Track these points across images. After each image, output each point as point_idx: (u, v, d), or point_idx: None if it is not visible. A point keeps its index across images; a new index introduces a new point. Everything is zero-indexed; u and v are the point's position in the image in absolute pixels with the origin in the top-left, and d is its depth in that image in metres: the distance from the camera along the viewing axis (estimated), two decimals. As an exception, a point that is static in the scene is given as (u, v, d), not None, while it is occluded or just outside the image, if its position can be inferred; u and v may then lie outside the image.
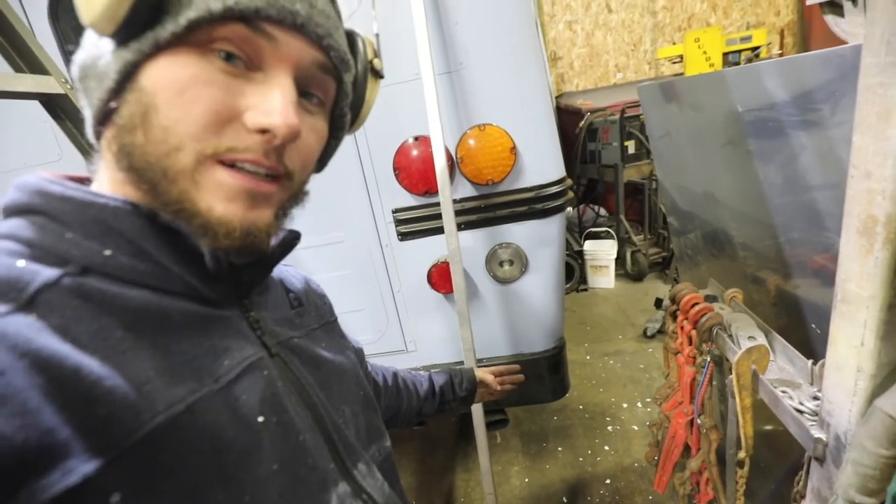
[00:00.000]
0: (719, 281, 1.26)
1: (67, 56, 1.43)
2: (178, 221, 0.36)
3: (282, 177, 0.38)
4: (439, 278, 1.48)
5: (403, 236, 1.48)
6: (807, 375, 0.83)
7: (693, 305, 1.13)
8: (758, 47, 4.01)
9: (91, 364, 0.30)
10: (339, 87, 0.44)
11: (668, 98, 1.53)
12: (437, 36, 1.29)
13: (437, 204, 1.34)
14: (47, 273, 0.32)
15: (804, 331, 0.99)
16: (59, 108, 1.24)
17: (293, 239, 0.48)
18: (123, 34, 0.34)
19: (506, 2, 1.29)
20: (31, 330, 0.29)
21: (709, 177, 1.35)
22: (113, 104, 0.36)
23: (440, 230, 1.40)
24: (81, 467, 0.28)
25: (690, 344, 1.13)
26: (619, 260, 3.86)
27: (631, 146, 3.66)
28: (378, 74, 0.50)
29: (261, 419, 0.38)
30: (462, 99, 1.34)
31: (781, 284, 1.11)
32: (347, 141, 1.42)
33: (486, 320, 1.56)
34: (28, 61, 1.21)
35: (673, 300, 1.22)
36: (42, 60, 1.20)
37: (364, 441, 0.53)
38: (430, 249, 1.49)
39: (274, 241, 0.43)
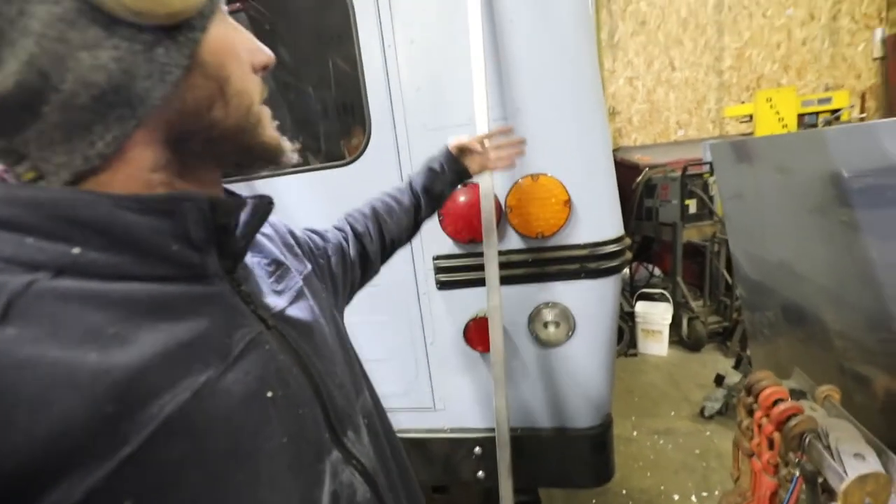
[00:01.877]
0: (807, 371, 1.06)
1: None
2: (262, 156, 0.44)
3: None
4: (477, 334, 1.36)
5: (442, 285, 1.39)
6: (945, 522, 0.64)
7: (776, 402, 0.95)
8: (838, 110, 3.75)
9: (86, 364, 0.28)
10: None
11: (745, 157, 1.38)
12: (495, 79, 1.24)
13: (482, 254, 1.25)
14: (16, 282, 0.29)
15: (932, 455, 0.79)
16: None
17: (268, 204, 0.47)
18: (180, 20, 0.35)
19: (569, 49, 1.24)
20: (8, 343, 0.27)
21: (794, 248, 1.18)
22: (174, 96, 0.35)
23: (482, 282, 1.30)
24: (85, 481, 0.26)
25: (771, 448, 0.93)
26: (674, 326, 3.56)
27: (692, 205, 3.45)
28: None
29: (269, 394, 0.38)
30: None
31: (895, 388, 0.91)
32: (394, 181, 1.38)
33: (524, 386, 1.41)
34: None
35: (749, 391, 1.03)
36: None
37: (353, 399, 0.54)
38: (469, 302, 1.38)
39: (246, 212, 0.44)
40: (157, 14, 0.32)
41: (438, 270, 1.38)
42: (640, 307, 3.54)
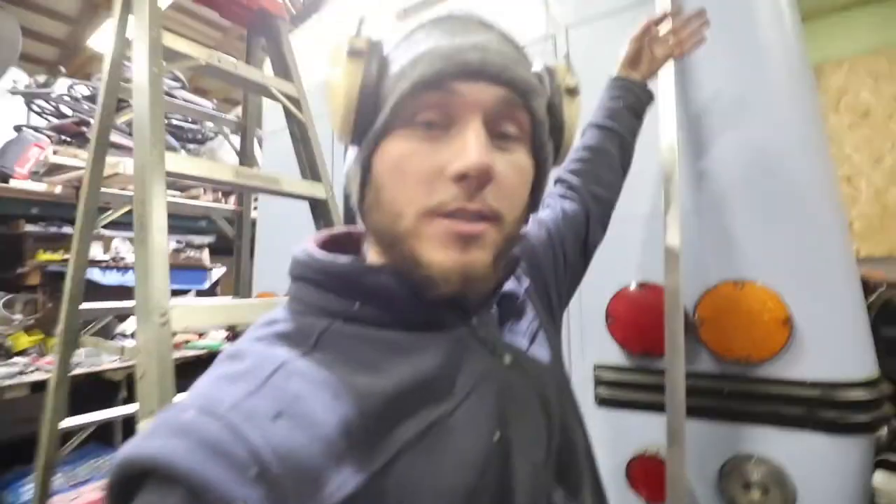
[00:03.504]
0: None
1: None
2: (411, 274, 0.41)
3: (491, 218, 0.41)
4: (644, 476, 1.06)
5: (603, 401, 1.15)
6: None
7: None
8: None
9: (359, 385, 0.36)
10: (534, 117, 0.44)
11: None
12: (688, 165, 1.07)
13: (658, 372, 1.01)
14: (322, 323, 0.41)
15: None
16: (320, 210, 1.44)
17: (514, 261, 0.51)
18: (358, 139, 0.44)
19: (790, 128, 1.01)
20: (317, 365, 0.37)
21: None
22: (363, 195, 0.45)
23: (656, 407, 1.03)
24: (350, 481, 0.32)
25: None
26: (941, 516, 2.44)
27: (965, 343, 2.48)
28: (574, 92, 0.51)
29: (497, 435, 0.40)
30: (712, 242, 1.04)
31: None
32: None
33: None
34: (310, 169, 1.47)
35: None
36: (319, 169, 1.44)
37: (579, 447, 0.52)
38: (635, 429, 1.11)
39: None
40: (336, 132, 0.45)
41: (599, 383, 1.16)
42: (882, 479, 2.54)
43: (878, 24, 4.22)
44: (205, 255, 4.01)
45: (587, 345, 1.19)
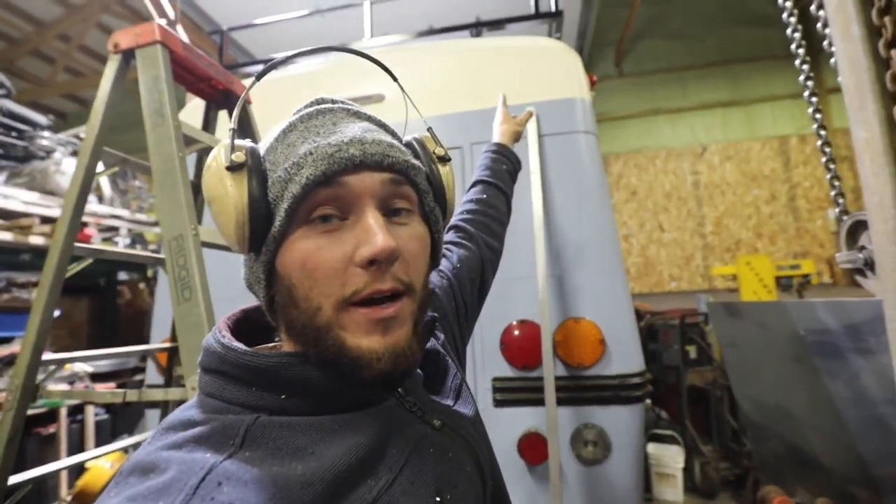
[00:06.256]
0: (808, 491, 1.31)
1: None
2: (338, 361, 0.42)
3: (403, 292, 0.43)
4: (529, 448, 1.60)
5: (499, 403, 1.68)
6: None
7: (785, 509, 1.19)
8: (808, 275, 4.33)
9: (295, 475, 0.37)
10: (417, 189, 0.48)
11: (734, 313, 1.80)
12: (547, 247, 1.72)
13: (533, 378, 1.57)
14: (247, 418, 0.40)
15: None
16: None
17: (431, 323, 0.52)
18: (256, 246, 0.44)
19: (599, 225, 1.74)
20: (248, 463, 0.37)
21: (781, 389, 1.52)
22: (271, 295, 0.46)
23: (533, 402, 1.59)
24: None
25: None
26: (687, 471, 3.60)
27: (692, 351, 3.78)
28: (444, 160, 0.54)
29: (437, 499, 0.42)
30: (562, 296, 1.69)
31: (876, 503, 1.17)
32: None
33: (568, 501, 1.60)
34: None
35: (763, 502, 1.28)
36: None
37: (503, 485, 0.57)
38: (521, 419, 1.66)
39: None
40: (231, 245, 0.45)
41: (496, 390, 1.69)
42: (653, 448, 3.63)
43: (640, 132, 6.12)
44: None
45: (487, 364, 1.71)
